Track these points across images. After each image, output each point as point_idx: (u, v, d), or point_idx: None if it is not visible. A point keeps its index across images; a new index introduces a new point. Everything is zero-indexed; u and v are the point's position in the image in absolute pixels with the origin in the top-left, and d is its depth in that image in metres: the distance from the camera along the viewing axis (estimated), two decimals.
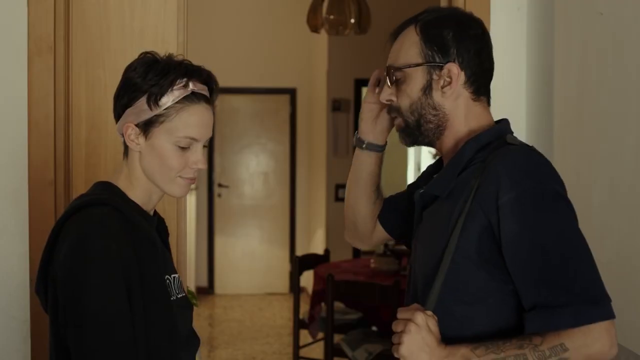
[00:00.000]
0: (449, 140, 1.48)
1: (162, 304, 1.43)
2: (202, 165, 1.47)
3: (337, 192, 6.77)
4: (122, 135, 1.48)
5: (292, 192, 7.80)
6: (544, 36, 2.24)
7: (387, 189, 1.77)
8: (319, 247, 6.81)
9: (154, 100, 1.42)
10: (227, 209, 7.74)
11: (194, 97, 1.45)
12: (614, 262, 1.75)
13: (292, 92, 7.74)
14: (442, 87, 1.44)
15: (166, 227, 1.60)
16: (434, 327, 1.32)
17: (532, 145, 1.47)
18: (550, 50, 2.17)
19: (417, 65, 1.45)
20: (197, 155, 1.47)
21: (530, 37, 2.33)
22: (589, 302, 1.27)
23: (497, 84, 2.35)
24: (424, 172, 1.63)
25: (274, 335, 6.14)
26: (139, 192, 1.49)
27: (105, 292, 1.34)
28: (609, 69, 1.80)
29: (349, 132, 6.65)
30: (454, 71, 1.43)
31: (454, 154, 1.46)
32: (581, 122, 1.96)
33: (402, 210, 1.69)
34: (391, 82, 1.49)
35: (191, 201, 7.02)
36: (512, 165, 1.34)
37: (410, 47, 1.47)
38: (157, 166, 1.46)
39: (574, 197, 1.98)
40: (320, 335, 4.53)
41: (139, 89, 1.44)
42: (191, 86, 1.45)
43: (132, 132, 1.45)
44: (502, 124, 1.49)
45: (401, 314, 1.34)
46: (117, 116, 1.49)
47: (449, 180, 1.43)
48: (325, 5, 5.05)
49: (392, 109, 1.51)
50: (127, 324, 1.34)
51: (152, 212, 1.54)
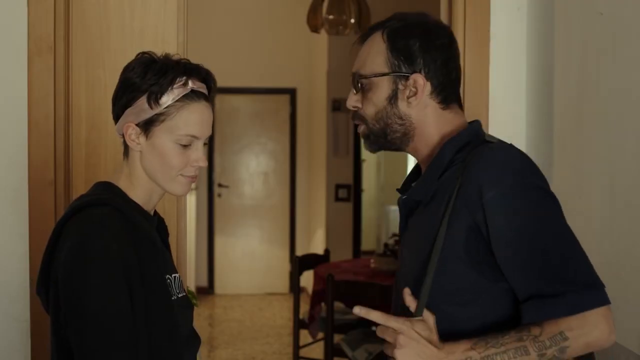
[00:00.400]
0: (421, 146, 1.47)
1: (164, 303, 1.43)
2: (203, 163, 1.48)
3: (337, 192, 6.77)
4: (122, 135, 1.49)
5: (292, 192, 7.80)
6: (544, 36, 2.24)
7: (388, 189, 1.77)
8: (319, 247, 6.81)
9: (155, 99, 1.43)
10: (227, 209, 7.74)
11: (193, 95, 1.46)
12: (614, 262, 1.75)
13: (292, 92, 7.74)
14: (408, 98, 1.43)
15: (166, 226, 1.61)
16: (424, 330, 1.30)
17: (533, 144, 1.47)
18: (550, 50, 2.17)
19: (383, 74, 1.44)
20: (198, 153, 1.48)
21: (530, 37, 2.33)
22: (583, 289, 1.27)
23: (497, 84, 2.36)
24: (406, 179, 1.60)
25: (274, 335, 6.14)
26: (139, 191, 1.49)
27: (106, 292, 1.34)
28: (609, 69, 1.80)
29: (349, 132, 6.65)
30: (420, 82, 1.43)
31: (432, 158, 1.45)
32: (581, 122, 1.96)
33: None
34: (357, 90, 1.48)
35: (191, 201, 7.03)
36: (493, 162, 1.34)
37: (376, 55, 1.46)
38: (158, 165, 1.46)
39: (574, 197, 1.99)
40: (320, 335, 4.53)
41: (138, 89, 1.44)
42: (190, 84, 1.45)
43: (133, 131, 1.46)
44: (475, 124, 1.49)
45: (389, 322, 1.33)
46: (116, 117, 1.49)
47: (429, 184, 1.42)
48: (325, 5, 5.05)
49: (356, 116, 1.50)
50: (128, 323, 1.35)
51: (152, 212, 1.54)
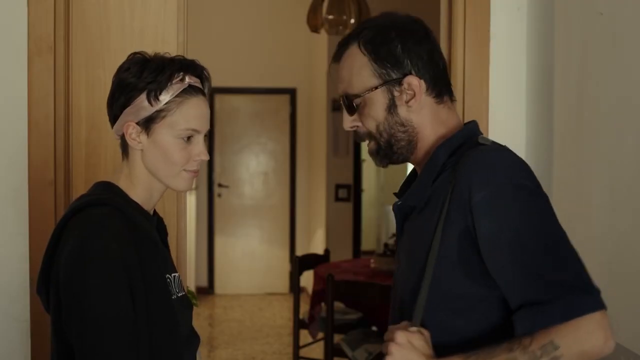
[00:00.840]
0: (420, 151, 1.44)
1: (164, 303, 1.43)
2: (205, 156, 1.49)
3: (337, 192, 6.77)
4: (121, 136, 1.49)
5: (292, 192, 7.80)
6: (544, 36, 2.24)
7: (388, 189, 1.77)
8: (319, 247, 6.81)
9: (154, 96, 1.44)
10: (227, 209, 7.74)
11: (191, 90, 1.47)
12: (614, 262, 1.75)
13: (292, 92, 7.74)
14: (407, 102, 1.40)
15: (165, 226, 1.61)
16: (419, 342, 1.28)
17: (533, 144, 1.47)
18: (550, 50, 2.17)
19: (375, 88, 1.40)
20: (200, 146, 1.49)
21: (530, 37, 2.33)
22: (576, 294, 1.22)
23: (497, 84, 2.37)
24: (403, 183, 1.57)
25: (274, 335, 6.14)
26: (139, 191, 1.50)
27: (106, 292, 1.34)
28: (609, 69, 1.80)
29: (348, 132, 6.64)
30: (415, 82, 1.39)
31: (426, 162, 1.42)
32: (581, 122, 1.96)
33: None
34: (351, 111, 1.44)
35: (191, 201, 7.03)
36: (482, 164, 1.31)
37: (361, 70, 1.42)
38: (161, 162, 1.47)
39: (574, 197, 1.99)
40: (320, 335, 4.53)
41: (136, 88, 1.45)
42: (187, 80, 1.47)
43: (133, 130, 1.46)
44: (471, 125, 1.46)
45: (386, 335, 1.31)
46: (114, 118, 1.49)
47: (424, 189, 1.40)
48: (325, 5, 5.05)
49: (359, 135, 1.47)
50: (129, 323, 1.35)
51: (152, 212, 1.54)
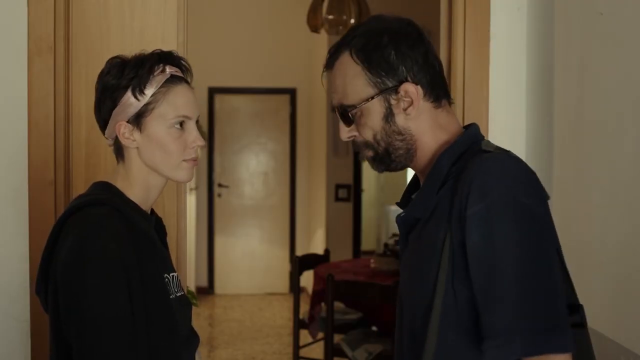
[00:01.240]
0: (422, 159, 1.39)
1: (162, 303, 1.43)
2: (201, 141, 1.51)
3: (337, 192, 6.77)
4: (114, 139, 1.50)
5: (292, 192, 7.81)
6: (544, 36, 2.24)
7: (388, 189, 1.77)
8: (319, 247, 6.81)
9: (139, 91, 1.45)
10: (227, 209, 7.74)
11: (174, 79, 1.49)
12: (614, 262, 1.75)
13: (292, 92, 7.74)
14: (405, 110, 1.35)
15: (164, 226, 1.61)
16: None
17: (533, 144, 1.45)
18: (550, 50, 2.17)
19: (371, 98, 1.35)
20: (194, 133, 1.50)
21: (530, 37, 2.33)
22: (543, 330, 1.16)
23: (497, 84, 2.36)
24: (404, 191, 1.51)
25: (274, 335, 6.14)
26: (137, 190, 1.50)
27: (105, 291, 1.34)
28: (609, 69, 1.80)
29: None
30: (411, 90, 1.34)
31: (429, 170, 1.37)
32: (581, 122, 1.96)
33: None
34: (348, 123, 1.40)
35: (191, 201, 7.02)
36: (483, 175, 1.24)
37: (355, 80, 1.37)
38: (159, 155, 1.47)
39: (574, 196, 1.99)
40: (320, 335, 4.53)
41: (120, 87, 1.46)
42: (168, 70, 1.48)
43: (126, 129, 1.47)
44: (472, 129, 1.40)
45: None
46: (103, 123, 1.50)
47: (428, 199, 1.34)
48: (325, 5, 5.05)
49: (357, 144, 1.42)
50: (128, 322, 1.35)
51: (149, 211, 1.54)
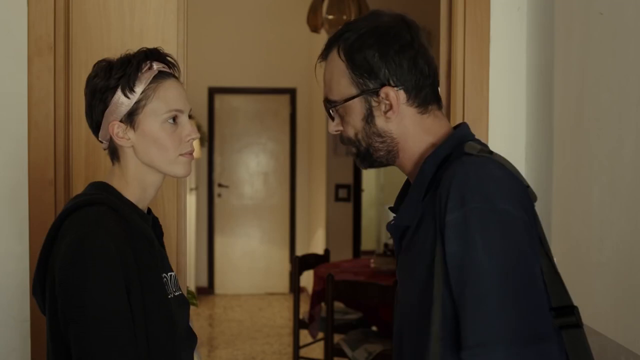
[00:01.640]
0: (407, 161, 1.38)
1: (160, 302, 1.43)
2: (195, 134, 1.51)
3: (337, 192, 6.77)
4: (108, 140, 1.50)
5: (292, 192, 7.80)
6: (544, 36, 2.24)
7: (388, 189, 1.77)
8: (319, 247, 6.81)
9: (129, 89, 1.45)
10: (227, 209, 7.74)
11: (162, 75, 1.49)
12: (614, 262, 1.75)
13: (292, 92, 7.74)
14: (385, 113, 1.34)
15: (160, 226, 1.61)
16: None
17: (533, 144, 1.45)
18: (550, 50, 2.17)
19: (352, 97, 1.35)
20: (188, 126, 1.50)
21: (530, 37, 2.33)
22: (525, 338, 1.15)
23: (497, 84, 2.36)
24: (398, 195, 1.49)
25: (274, 335, 6.14)
26: (134, 189, 1.50)
27: (104, 291, 1.34)
28: (609, 69, 1.80)
29: None
30: (391, 94, 1.33)
31: (415, 176, 1.36)
32: (581, 122, 1.96)
33: None
34: (331, 116, 1.41)
35: (191, 201, 7.03)
36: (462, 180, 1.22)
37: (340, 78, 1.37)
38: (155, 152, 1.47)
39: (574, 197, 1.99)
40: (320, 335, 4.53)
41: (109, 88, 1.46)
42: (155, 66, 1.48)
43: (119, 129, 1.47)
44: (460, 129, 1.38)
45: None
46: (96, 126, 1.50)
47: (414, 207, 1.33)
48: (325, 5, 5.05)
49: (343, 139, 1.43)
50: (127, 321, 1.35)
51: (146, 210, 1.54)
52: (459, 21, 2.31)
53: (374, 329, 4.41)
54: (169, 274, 1.52)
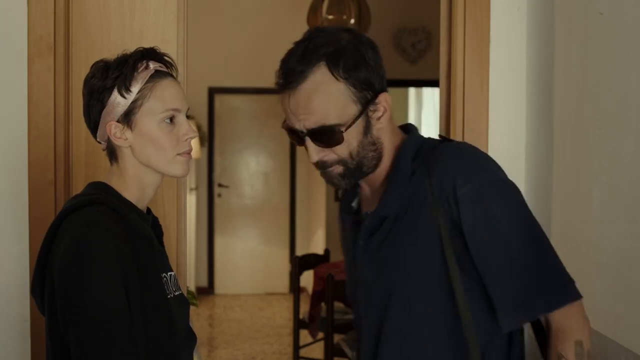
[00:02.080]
0: (383, 164, 1.42)
1: (160, 301, 1.43)
2: (193, 133, 1.50)
3: (337, 192, 6.76)
4: (106, 141, 1.49)
5: (292, 192, 7.80)
6: (544, 36, 2.24)
7: None
8: (319, 247, 6.81)
9: (125, 88, 1.45)
10: (227, 209, 7.74)
11: (159, 74, 1.48)
12: (614, 262, 1.75)
13: None
14: (379, 119, 1.37)
15: (160, 225, 1.61)
16: None
17: (533, 144, 1.48)
18: (550, 50, 2.17)
19: (359, 116, 1.34)
20: (185, 125, 1.49)
21: (530, 37, 2.33)
22: (558, 285, 1.30)
23: (497, 84, 2.36)
24: (344, 200, 1.55)
25: (274, 335, 6.14)
26: (132, 189, 1.50)
27: (104, 290, 1.34)
28: (609, 69, 1.80)
29: None
30: (387, 98, 1.37)
31: (388, 172, 1.40)
32: (581, 122, 1.96)
33: None
34: (333, 143, 1.34)
35: (191, 201, 7.03)
36: (463, 158, 1.33)
37: (339, 97, 1.32)
38: (153, 152, 1.47)
39: (574, 197, 1.99)
40: (320, 335, 4.53)
41: (106, 88, 1.46)
42: (152, 66, 1.48)
43: (117, 129, 1.46)
44: (414, 127, 1.46)
45: None
46: (94, 126, 1.50)
47: (400, 196, 1.37)
48: (325, 5, 5.05)
49: (326, 164, 1.38)
50: (127, 321, 1.35)
51: (145, 210, 1.54)
52: (459, 21, 2.31)
53: None
54: (169, 273, 1.52)
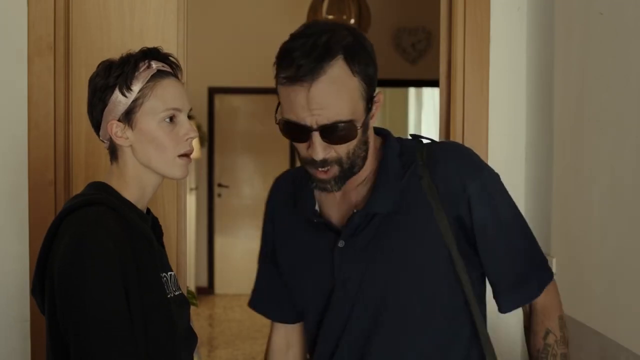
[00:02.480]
0: (367, 164, 1.42)
1: (160, 301, 1.43)
2: (194, 133, 1.49)
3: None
4: (108, 139, 1.50)
5: None
6: (544, 36, 2.24)
7: None
8: None
9: (126, 87, 1.45)
10: (227, 209, 7.73)
11: (161, 74, 1.48)
12: (614, 262, 1.75)
13: None
14: (373, 116, 1.37)
15: (160, 226, 1.61)
16: None
17: (533, 144, 1.51)
18: (550, 50, 2.17)
19: (368, 112, 1.35)
20: (186, 125, 1.48)
21: (530, 38, 2.33)
22: (543, 268, 1.42)
23: (497, 84, 2.36)
24: (303, 202, 1.49)
25: None
26: (132, 189, 1.50)
27: (103, 290, 1.34)
28: (609, 69, 1.80)
29: None
30: (380, 96, 1.38)
31: (371, 172, 1.41)
32: (581, 122, 1.96)
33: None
34: (344, 140, 1.32)
35: (191, 201, 7.02)
36: (463, 156, 1.41)
37: (354, 94, 1.31)
38: (152, 151, 1.47)
39: (574, 197, 1.99)
40: None
41: (108, 86, 1.46)
42: (154, 65, 1.48)
43: (117, 128, 1.47)
44: (380, 128, 1.47)
45: None
46: (97, 124, 1.51)
47: (393, 193, 1.38)
48: (325, 5, 5.05)
49: (326, 162, 1.34)
50: (127, 321, 1.34)
51: (145, 210, 1.54)
52: (459, 21, 2.31)
53: None
54: (169, 273, 1.52)
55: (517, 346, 2.19)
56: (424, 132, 1.57)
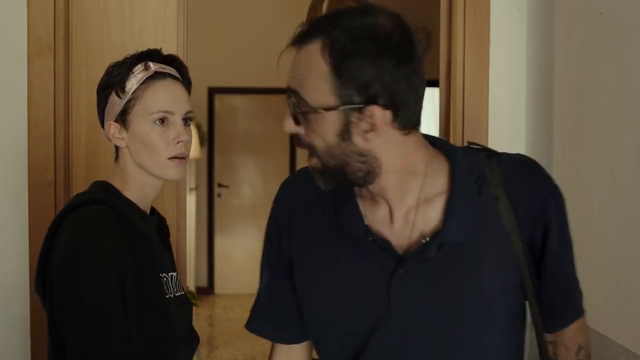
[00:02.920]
0: (390, 180, 1.21)
1: (157, 302, 1.43)
2: (185, 136, 1.48)
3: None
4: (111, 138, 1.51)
5: None
6: (544, 36, 2.24)
7: None
8: None
9: (120, 88, 1.46)
10: (227, 209, 7.73)
11: (158, 75, 1.48)
12: (614, 262, 1.75)
13: None
14: (365, 132, 1.14)
15: (167, 226, 1.61)
16: None
17: (533, 144, 1.47)
18: (550, 50, 2.17)
19: (329, 109, 1.13)
20: (177, 128, 1.48)
21: (530, 37, 2.33)
22: (581, 291, 1.36)
23: (497, 84, 2.36)
24: (289, 216, 1.32)
25: None
26: (133, 189, 1.50)
27: (102, 289, 1.34)
28: (609, 69, 1.80)
29: None
30: (378, 115, 1.13)
31: (449, 189, 1.22)
32: (581, 122, 1.96)
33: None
34: (294, 112, 1.18)
35: (191, 201, 7.02)
36: (538, 174, 1.28)
37: (318, 80, 1.14)
38: (144, 153, 1.47)
39: (574, 197, 1.98)
40: None
41: (108, 85, 1.48)
42: (152, 67, 1.48)
43: (114, 129, 1.48)
44: (443, 141, 1.30)
45: None
46: (102, 124, 1.53)
47: (470, 219, 1.21)
48: (325, 5, 5.05)
49: (301, 142, 1.20)
50: (122, 320, 1.35)
51: (148, 210, 1.54)
52: (459, 21, 2.31)
53: None
54: (170, 274, 1.52)
55: None
56: (423, 132, 1.44)
